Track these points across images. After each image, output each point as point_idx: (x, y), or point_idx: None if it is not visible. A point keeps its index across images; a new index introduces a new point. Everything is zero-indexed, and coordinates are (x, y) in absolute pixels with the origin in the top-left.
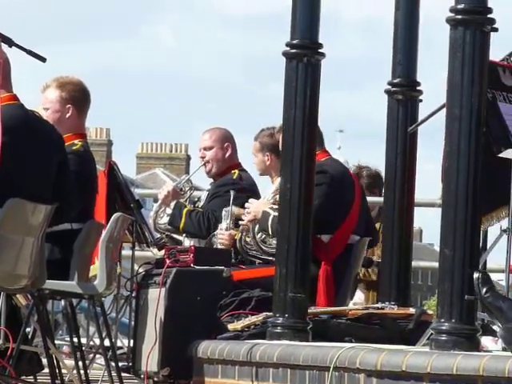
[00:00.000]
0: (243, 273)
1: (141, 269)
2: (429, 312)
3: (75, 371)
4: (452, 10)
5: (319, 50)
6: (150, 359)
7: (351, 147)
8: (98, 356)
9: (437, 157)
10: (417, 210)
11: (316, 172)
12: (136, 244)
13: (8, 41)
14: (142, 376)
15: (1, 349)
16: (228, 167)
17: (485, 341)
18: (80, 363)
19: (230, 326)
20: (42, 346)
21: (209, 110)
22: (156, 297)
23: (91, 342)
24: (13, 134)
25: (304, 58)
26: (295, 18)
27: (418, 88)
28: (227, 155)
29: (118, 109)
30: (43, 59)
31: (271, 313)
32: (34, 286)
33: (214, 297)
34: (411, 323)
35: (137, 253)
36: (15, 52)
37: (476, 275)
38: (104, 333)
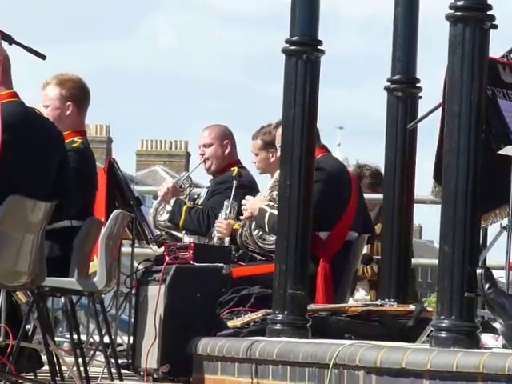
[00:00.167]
0: (243, 270)
1: (140, 266)
2: (429, 309)
3: (75, 368)
4: (451, 7)
5: (319, 47)
6: (150, 356)
7: (350, 144)
8: (98, 353)
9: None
10: (416, 207)
11: None
12: (136, 241)
13: (8, 38)
14: (142, 373)
15: (1, 346)
16: (227, 164)
17: (485, 338)
18: (80, 360)
19: (230, 323)
20: (42, 343)
21: (208, 108)
22: (156, 294)
23: (91, 339)
24: (13, 132)
25: (303, 55)
26: (294, 15)
27: (418, 85)
28: (227, 152)
29: (118, 106)
30: (43, 57)
31: (271, 310)
32: (34, 283)
33: (214, 294)
34: (411, 320)
35: (136, 250)
36: (15, 49)
37: (479, 271)
38: (104, 330)
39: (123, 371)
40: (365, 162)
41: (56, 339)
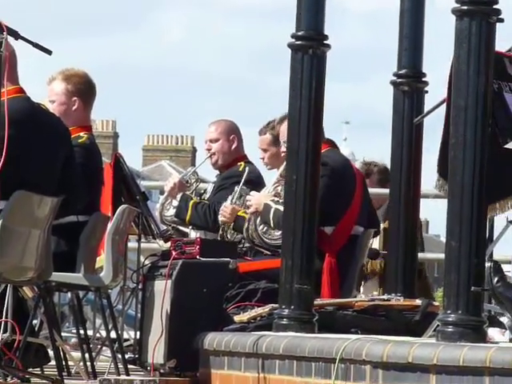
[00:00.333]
0: (249, 264)
1: (147, 261)
2: (435, 303)
3: (82, 363)
4: (458, 1)
5: (325, 42)
6: (157, 351)
7: (356, 138)
8: (105, 348)
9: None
10: (423, 202)
11: None
12: (142, 236)
13: (14, 34)
14: (149, 368)
15: (8, 341)
16: (234, 159)
17: (491, 332)
18: (86, 355)
19: (236, 318)
20: (49, 338)
21: (214, 103)
22: (162, 289)
23: (98, 334)
24: (19, 127)
25: (309, 50)
26: (300, 10)
27: (424, 79)
28: (233, 147)
29: (124, 101)
30: (49, 52)
31: (277, 304)
32: (41, 279)
33: (220, 289)
34: (417, 315)
35: (143, 245)
36: (21, 45)
37: (488, 264)
38: (110, 325)
39: (130, 366)
40: (371, 159)
41: (63, 334)
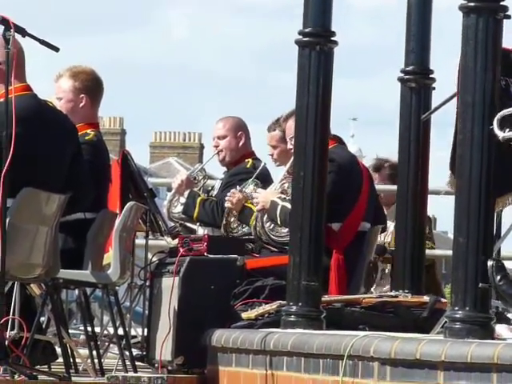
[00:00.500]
0: (257, 261)
1: (154, 258)
2: (443, 300)
3: (89, 360)
4: None
5: (332, 38)
6: (164, 348)
7: (363, 135)
8: (112, 345)
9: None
10: (430, 198)
11: None
12: (150, 233)
13: (21, 31)
14: (156, 365)
15: (15, 338)
16: (242, 156)
17: (499, 329)
18: (94, 352)
19: (244, 315)
20: (56, 336)
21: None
22: (170, 286)
23: (105, 331)
24: (26, 125)
25: (317, 46)
26: (307, 6)
27: (431, 76)
28: (241, 144)
29: (132, 98)
30: (56, 49)
31: (285, 301)
32: (48, 276)
33: (228, 285)
34: (425, 311)
35: (150, 242)
36: (28, 42)
37: (490, 263)
38: (118, 322)
39: (137, 363)
40: (385, 157)
41: (70, 331)
